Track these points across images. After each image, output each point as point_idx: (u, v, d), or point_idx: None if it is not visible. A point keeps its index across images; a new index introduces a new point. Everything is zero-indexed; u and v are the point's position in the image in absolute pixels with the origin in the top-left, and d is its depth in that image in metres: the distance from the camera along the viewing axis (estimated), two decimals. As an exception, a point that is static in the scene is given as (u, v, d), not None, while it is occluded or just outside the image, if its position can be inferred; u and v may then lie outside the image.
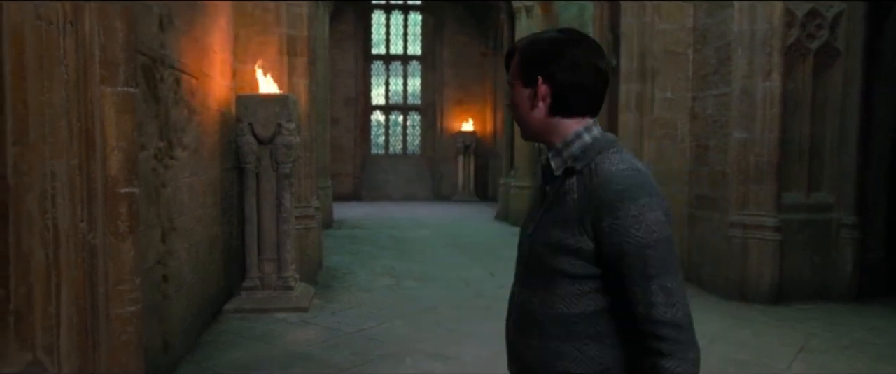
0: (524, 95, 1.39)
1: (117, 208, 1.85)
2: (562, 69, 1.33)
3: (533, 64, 1.37)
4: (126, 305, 1.86)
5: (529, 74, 1.37)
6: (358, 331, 5.03)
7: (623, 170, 1.31)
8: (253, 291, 5.62)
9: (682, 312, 1.27)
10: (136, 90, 1.97)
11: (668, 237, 1.27)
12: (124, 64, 1.83)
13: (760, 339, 4.89)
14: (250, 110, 5.48)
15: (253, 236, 5.65)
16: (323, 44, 11.02)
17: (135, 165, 2.00)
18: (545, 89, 1.35)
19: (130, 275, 1.90)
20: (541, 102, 1.36)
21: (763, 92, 5.85)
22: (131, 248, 1.92)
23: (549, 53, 1.35)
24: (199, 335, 4.81)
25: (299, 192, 6.45)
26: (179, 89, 4.24)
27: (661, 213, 1.27)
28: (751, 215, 6.01)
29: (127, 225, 1.91)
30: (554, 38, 1.37)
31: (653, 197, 1.28)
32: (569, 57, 1.34)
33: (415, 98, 19.16)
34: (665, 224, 1.27)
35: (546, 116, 1.37)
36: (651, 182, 1.32)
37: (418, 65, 19.04)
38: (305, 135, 6.54)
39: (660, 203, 1.28)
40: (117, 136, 1.86)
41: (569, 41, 1.36)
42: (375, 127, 19.20)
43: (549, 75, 1.34)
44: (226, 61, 5.73)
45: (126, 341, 1.83)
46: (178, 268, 4.18)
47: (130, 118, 1.93)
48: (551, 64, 1.34)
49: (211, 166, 5.21)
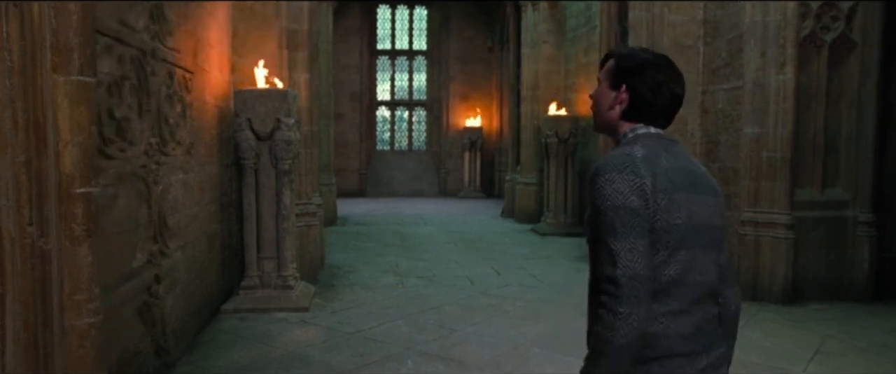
0: (608, 94, 1.63)
1: (72, 210, 1.71)
2: (644, 85, 1.56)
3: (622, 73, 1.60)
4: (83, 316, 1.72)
5: (617, 80, 1.60)
6: (358, 331, 4.90)
7: (615, 153, 1.51)
8: (252, 290, 5.50)
9: (621, 272, 1.38)
10: (93, 79, 1.82)
11: (622, 206, 1.41)
12: (79, 50, 1.68)
13: (773, 341, 4.73)
14: (248, 105, 5.35)
15: (252, 234, 5.53)
16: (326, 39, 10.88)
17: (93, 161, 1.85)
18: (625, 97, 1.59)
19: (88, 284, 1.76)
20: (618, 105, 1.60)
21: (776, 85, 5.67)
22: (89, 253, 1.78)
23: (638, 70, 1.57)
24: (197, 336, 4.69)
25: (300, 188, 6.32)
26: (173, 83, 4.11)
27: (622, 183, 1.42)
28: (763, 213, 5.83)
29: (83, 228, 1.76)
30: (646, 59, 1.59)
31: (620, 173, 1.43)
32: (653, 78, 1.56)
33: (420, 94, 19.01)
34: (621, 194, 1.41)
35: (618, 118, 1.61)
36: (627, 163, 1.45)
37: (424, 60, 18.88)
38: (306, 130, 6.41)
39: (627, 179, 1.43)
40: (71, 129, 1.71)
41: (657, 65, 1.58)
42: (381, 123, 19.06)
43: (632, 87, 1.58)
44: (224, 56, 5.60)
45: (83, 356, 1.69)
46: (172, 267, 4.06)
47: (87, 110, 1.79)
48: (637, 78, 1.57)
49: (208, 163, 5.09)
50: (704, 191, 1.54)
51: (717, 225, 1.56)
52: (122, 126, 3.25)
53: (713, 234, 1.53)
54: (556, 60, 11.29)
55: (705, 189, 1.55)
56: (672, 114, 1.61)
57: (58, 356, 1.57)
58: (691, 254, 1.46)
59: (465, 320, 5.24)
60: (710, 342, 1.50)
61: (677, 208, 1.45)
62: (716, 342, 1.53)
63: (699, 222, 1.49)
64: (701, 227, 1.49)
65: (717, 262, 1.55)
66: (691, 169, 1.55)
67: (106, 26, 3.02)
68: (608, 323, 1.38)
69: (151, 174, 3.69)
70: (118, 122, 3.20)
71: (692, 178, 1.53)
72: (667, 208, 1.44)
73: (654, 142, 1.54)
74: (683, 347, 1.45)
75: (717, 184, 1.62)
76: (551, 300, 5.77)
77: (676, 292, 1.45)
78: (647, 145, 1.52)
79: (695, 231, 1.47)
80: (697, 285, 1.48)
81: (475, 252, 8.58)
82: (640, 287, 1.38)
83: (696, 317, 1.48)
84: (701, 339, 1.48)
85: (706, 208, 1.52)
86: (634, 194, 1.42)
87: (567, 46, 11.07)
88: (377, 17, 18.58)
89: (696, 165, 1.59)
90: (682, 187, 1.48)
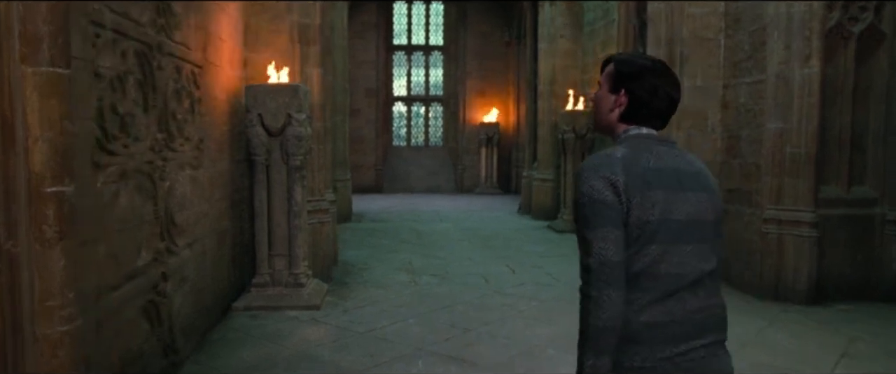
0: (608, 98, 1.72)
1: (43, 211, 1.62)
2: (642, 89, 1.66)
3: (622, 78, 1.68)
4: (56, 324, 1.63)
5: (617, 84, 1.69)
6: (369, 331, 4.81)
7: (597, 154, 1.61)
8: (263, 287, 5.44)
9: (593, 259, 1.51)
10: (66, 71, 1.74)
11: (597, 201, 1.52)
12: (49, 39, 1.60)
13: (798, 343, 4.57)
14: (259, 101, 5.28)
15: (263, 231, 5.47)
16: (342, 34, 10.80)
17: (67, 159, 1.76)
18: (624, 100, 1.68)
19: (61, 289, 1.67)
20: (617, 108, 1.70)
21: (801, 79, 5.48)
22: (61, 257, 1.70)
23: (636, 75, 1.66)
24: (207, 334, 4.64)
25: (312, 185, 6.25)
26: (180, 78, 4.05)
27: (596, 180, 1.53)
28: (786, 211, 5.66)
29: (56, 230, 1.68)
30: (644, 65, 1.68)
31: (597, 172, 1.54)
32: (651, 83, 1.65)
33: (437, 89, 18.90)
34: (595, 190, 1.53)
35: (617, 119, 1.71)
36: (605, 162, 1.56)
37: (440, 55, 18.76)
38: (318, 126, 6.33)
39: (599, 176, 1.54)
40: (42, 124, 1.63)
41: (655, 70, 1.67)
42: (397, 118, 18.99)
43: (631, 91, 1.67)
44: (235, 50, 5.53)
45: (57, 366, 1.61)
46: (180, 265, 4.00)
47: (59, 103, 1.70)
48: (635, 83, 1.66)
49: (219, 159, 5.03)
50: (692, 188, 1.61)
51: (707, 220, 1.62)
52: (126, 122, 3.18)
53: (701, 229, 1.60)
54: (573, 55, 11.12)
55: (694, 186, 1.62)
56: (668, 116, 1.71)
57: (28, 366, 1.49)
58: (663, 248, 1.54)
59: (478, 319, 5.14)
60: (690, 330, 1.55)
61: (650, 206, 1.53)
62: (703, 331, 1.57)
63: (679, 219, 1.56)
64: (682, 223, 1.57)
65: (715, 255, 1.63)
66: (679, 168, 1.62)
67: (108, 20, 2.95)
68: (585, 308, 1.53)
69: (158, 171, 3.63)
70: (122, 117, 3.13)
71: (677, 176, 1.60)
72: (639, 205, 1.53)
73: (639, 143, 1.64)
74: (647, 334, 1.52)
75: (712, 182, 1.70)
76: (567, 300, 5.65)
77: (647, 283, 1.53)
78: (631, 146, 1.63)
79: (671, 227, 1.55)
80: (671, 278, 1.54)
81: (490, 250, 8.46)
82: (610, 272, 1.49)
83: (670, 307, 1.54)
84: (673, 327, 1.53)
85: (691, 204, 1.59)
86: (608, 190, 1.53)
87: (585, 41, 10.90)
88: (393, 12, 18.49)
89: (689, 164, 1.67)
90: (659, 185, 1.56)
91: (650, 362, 1.52)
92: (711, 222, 1.63)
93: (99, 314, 2.83)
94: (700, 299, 1.58)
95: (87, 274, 2.72)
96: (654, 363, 1.52)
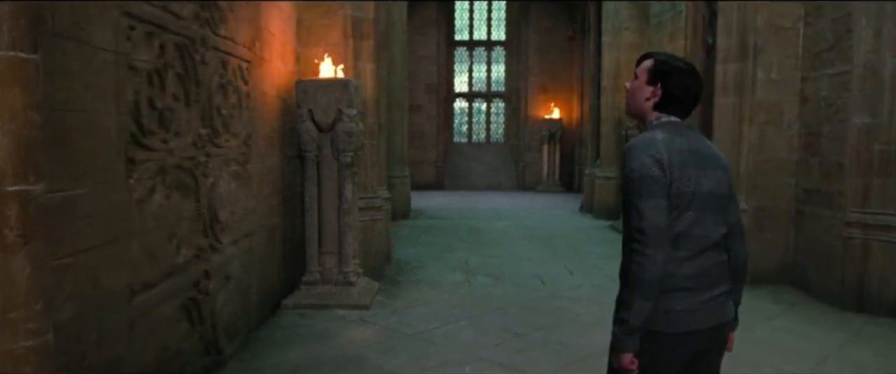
0: (645, 88, 2.02)
1: (4, 212, 1.51)
2: (676, 86, 1.97)
3: (659, 73, 1.99)
4: (20, 338, 1.52)
5: (654, 78, 2.00)
6: (418, 333, 4.66)
7: (643, 136, 1.93)
8: (313, 285, 5.37)
9: (646, 223, 1.81)
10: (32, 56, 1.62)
11: (647, 175, 1.83)
12: (10, 20, 1.48)
13: (884, 361, 4.14)
14: (310, 96, 5.20)
15: (313, 228, 5.39)
16: (401, 28, 10.71)
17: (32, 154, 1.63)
18: (659, 92, 1.99)
19: (26, 299, 1.55)
20: (652, 98, 2.00)
21: (892, 69, 4.99)
22: (26, 264, 1.58)
23: (672, 73, 1.98)
24: (254, 332, 4.58)
25: (365, 181, 6.15)
26: (226, 73, 3.98)
27: (645, 158, 1.84)
28: (873, 214, 5.17)
29: (18, 234, 1.56)
30: (678, 66, 1.99)
31: (645, 151, 1.86)
32: (683, 81, 1.98)
33: (499, 85, 18.64)
34: (645, 166, 1.84)
35: (651, 108, 2.01)
36: (651, 143, 1.87)
37: (502, 51, 18.48)
38: (372, 122, 6.22)
39: (647, 154, 1.85)
40: (2, 115, 1.51)
41: (687, 72, 1.99)
42: (458, 115, 18.83)
43: (666, 86, 1.98)
44: (287, 45, 5.47)
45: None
46: (224, 262, 3.94)
47: (22, 93, 1.58)
48: (670, 80, 1.98)
49: (269, 155, 4.97)
50: (712, 166, 1.95)
51: (723, 193, 1.97)
52: (165, 116, 3.12)
53: (719, 200, 1.96)
54: (638, 48, 10.65)
55: (713, 165, 1.96)
56: (691, 109, 2.02)
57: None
58: (696, 215, 1.89)
59: (532, 323, 4.90)
60: (712, 281, 1.93)
61: (687, 180, 1.87)
62: (719, 282, 1.96)
63: (705, 191, 1.91)
64: (706, 194, 1.91)
65: (726, 222, 1.99)
66: (701, 150, 1.96)
67: (145, 12, 2.88)
68: (639, 263, 1.82)
69: (200, 167, 3.56)
70: (160, 112, 3.07)
71: (701, 157, 1.93)
72: (678, 179, 1.86)
73: (672, 128, 1.96)
74: (687, 284, 1.88)
75: (725, 161, 2.03)
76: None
77: (684, 243, 1.88)
78: (667, 130, 1.94)
79: (700, 198, 1.89)
80: (702, 239, 1.91)
81: (548, 249, 8.18)
82: (661, 235, 1.82)
83: (700, 262, 1.91)
84: (703, 279, 1.91)
85: (712, 180, 1.93)
86: (655, 167, 1.84)
87: (651, 33, 10.42)
88: (455, 8, 18.32)
89: (707, 147, 2.00)
90: (691, 163, 1.89)
91: (691, 305, 1.89)
92: (725, 195, 1.99)
93: (132, 313, 2.77)
94: (719, 255, 1.97)
95: (118, 272, 2.65)
96: (695, 306, 1.89)
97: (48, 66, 2.18)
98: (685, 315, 1.88)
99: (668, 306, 1.87)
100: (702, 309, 1.90)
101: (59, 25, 2.21)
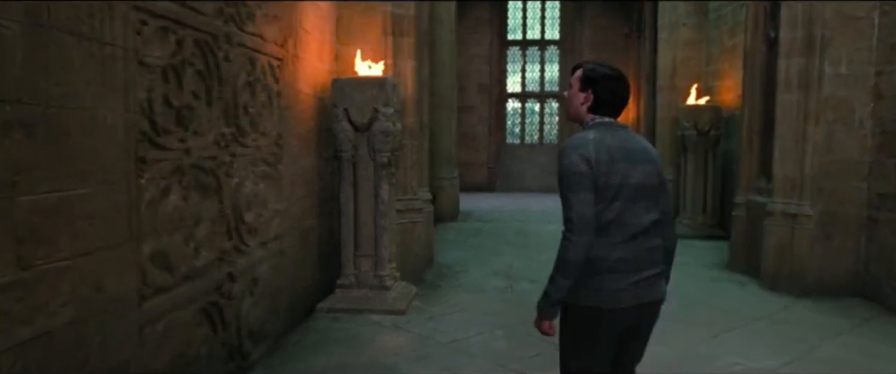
0: (579, 95, 2.27)
1: None
2: (603, 90, 2.23)
3: (589, 80, 2.25)
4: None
5: (585, 85, 2.26)
6: (453, 341, 4.47)
7: (575, 136, 2.20)
8: (347, 289, 5.25)
9: (574, 213, 2.08)
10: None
11: (574, 172, 2.09)
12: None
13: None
14: (346, 95, 5.08)
15: (349, 230, 5.26)
16: (448, 27, 10.54)
17: None
18: (591, 97, 2.24)
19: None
20: (586, 102, 2.26)
21: (978, 61, 4.51)
22: None
23: (599, 79, 2.24)
24: (285, 336, 4.49)
25: (405, 182, 6.00)
26: (254, 71, 3.89)
27: (575, 156, 2.10)
28: (956, 220, 4.69)
29: None
30: (605, 73, 2.25)
31: (573, 150, 2.12)
32: (610, 85, 2.24)
33: (552, 85, 18.25)
34: (574, 164, 2.10)
35: (586, 111, 2.27)
36: (578, 143, 2.14)
37: (556, 50, 18.09)
38: (412, 121, 6.07)
39: (577, 153, 2.11)
40: None
41: (613, 77, 2.25)
42: (511, 115, 18.53)
43: (595, 91, 2.24)
44: (325, 43, 5.37)
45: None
46: (250, 265, 3.84)
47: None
48: (598, 85, 2.24)
49: (303, 155, 4.88)
50: (641, 160, 2.17)
51: (653, 184, 2.20)
52: (183, 115, 3.02)
53: (649, 190, 2.18)
54: (696, 45, 10.19)
55: (642, 159, 2.18)
56: (621, 109, 2.25)
57: None
58: (624, 205, 2.11)
59: (573, 334, 4.64)
60: (642, 265, 2.16)
61: (615, 174, 2.09)
62: (649, 265, 2.19)
63: (633, 183, 2.13)
64: (635, 186, 2.13)
65: (657, 209, 2.21)
66: (630, 146, 2.18)
67: (159, 7, 2.79)
68: (565, 246, 2.09)
69: (223, 167, 3.47)
70: (177, 110, 2.97)
71: (630, 152, 2.16)
72: (606, 173, 2.08)
73: (604, 128, 2.20)
74: (618, 266, 2.11)
75: (655, 155, 2.26)
76: (677, 317, 5.01)
77: (615, 230, 2.11)
78: (599, 130, 2.18)
79: (628, 189, 2.11)
80: (632, 226, 2.13)
81: (598, 254, 7.84)
82: (585, 223, 2.06)
83: (631, 247, 2.13)
84: (633, 262, 2.14)
85: (641, 172, 2.16)
86: (583, 164, 2.08)
87: (709, 29, 9.95)
88: (508, 7, 18.04)
89: (637, 143, 2.23)
90: (620, 159, 2.12)
91: (621, 285, 2.12)
92: (655, 185, 2.21)
93: (141, 318, 2.67)
94: (650, 240, 2.19)
95: (125, 276, 2.56)
96: (624, 287, 2.12)
97: (42, 60, 2.09)
98: (617, 294, 2.12)
99: (602, 285, 2.12)
100: (631, 289, 2.14)
101: (55, 19, 2.12)
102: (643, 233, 2.15)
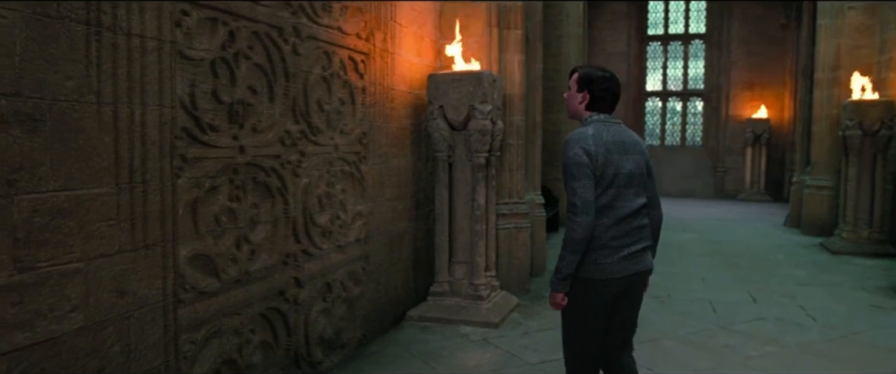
0: (576, 95, 2.60)
1: None
2: (598, 89, 2.55)
3: (584, 82, 2.58)
4: None
5: (581, 86, 2.58)
6: (543, 362, 4.03)
7: (576, 131, 2.52)
8: (440, 297, 4.96)
9: (577, 198, 2.39)
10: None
11: (577, 162, 2.40)
12: None
13: None
14: (440, 91, 4.80)
15: (443, 235, 4.98)
16: (576, 22, 9.99)
17: None
18: (587, 96, 2.57)
19: None
20: (583, 102, 2.59)
21: None
22: None
23: (594, 80, 2.56)
24: (366, 345, 4.28)
25: (508, 185, 5.61)
26: (330, 65, 3.70)
27: (577, 148, 2.41)
28: None
29: None
30: (598, 75, 2.57)
31: (575, 143, 2.43)
32: (603, 85, 2.56)
33: (696, 82, 16.91)
34: (577, 155, 2.40)
35: (584, 109, 2.60)
36: (579, 137, 2.45)
37: (701, 44, 16.74)
38: (518, 119, 5.67)
39: (579, 146, 2.42)
40: None
41: (605, 78, 2.57)
42: (650, 115, 17.43)
43: (591, 90, 2.56)
44: (424, 38, 5.12)
45: None
46: (322, 270, 3.65)
47: None
48: (593, 85, 2.56)
49: (395, 155, 4.65)
50: (632, 152, 2.53)
51: (642, 172, 2.57)
52: (237, 111, 2.87)
53: (639, 178, 2.54)
54: (866, 31, 8.85)
55: (633, 151, 2.54)
56: (614, 105, 2.58)
57: None
58: (617, 191, 2.47)
59: (685, 363, 4.04)
60: (632, 241, 2.50)
61: (609, 164, 2.45)
62: (637, 241, 2.52)
63: (626, 172, 2.48)
64: (627, 174, 2.49)
65: (645, 194, 2.58)
66: (623, 139, 2.53)
67: (207, -4, 2.64)
68: (571, 227, 2.41)
69: (289, 166, 3.30)
70: (229, 106, 2.82)
71: (623, 145, 2.51)
72: (603, 164, 2.43)
73: (601, 124, 2.53)
74: (611, 243, 2.45)
75: (644, 147, 2.61)
76: (819, 351, 4.21)
77: (609, 213, 2.45)
78: (596, 126, 2.51)
79: (621, 177, 2.47)
80: (623, 209, 2.48)
81: (733, 269, 6.98)
82: (588, 206, 2.40)
83: (622, 227, 2.47)
84: (624, 239, 2.48)
85: (632, 162, 2.51)
86: (584, 155, 2.42)
87: (883, 11, 8.59)
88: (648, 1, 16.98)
89: (629, 136, 2.57)
90: (615, 151, 2.47)
91: (613, 259, 2.45)
92: (644, 173, 2.58)
93: (176, 325, 2.53)
94: (638, 220, 2.53)
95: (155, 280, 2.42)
96: (616, 260, 2.45)
97: (50, 51, 1.97)
98: (610, 266, 2.44)
99: (598, 259, 2.44)
100: (622, 262, 2.46)
101: (66, 9, 2.00)
102: (633, 214, 2.49)
